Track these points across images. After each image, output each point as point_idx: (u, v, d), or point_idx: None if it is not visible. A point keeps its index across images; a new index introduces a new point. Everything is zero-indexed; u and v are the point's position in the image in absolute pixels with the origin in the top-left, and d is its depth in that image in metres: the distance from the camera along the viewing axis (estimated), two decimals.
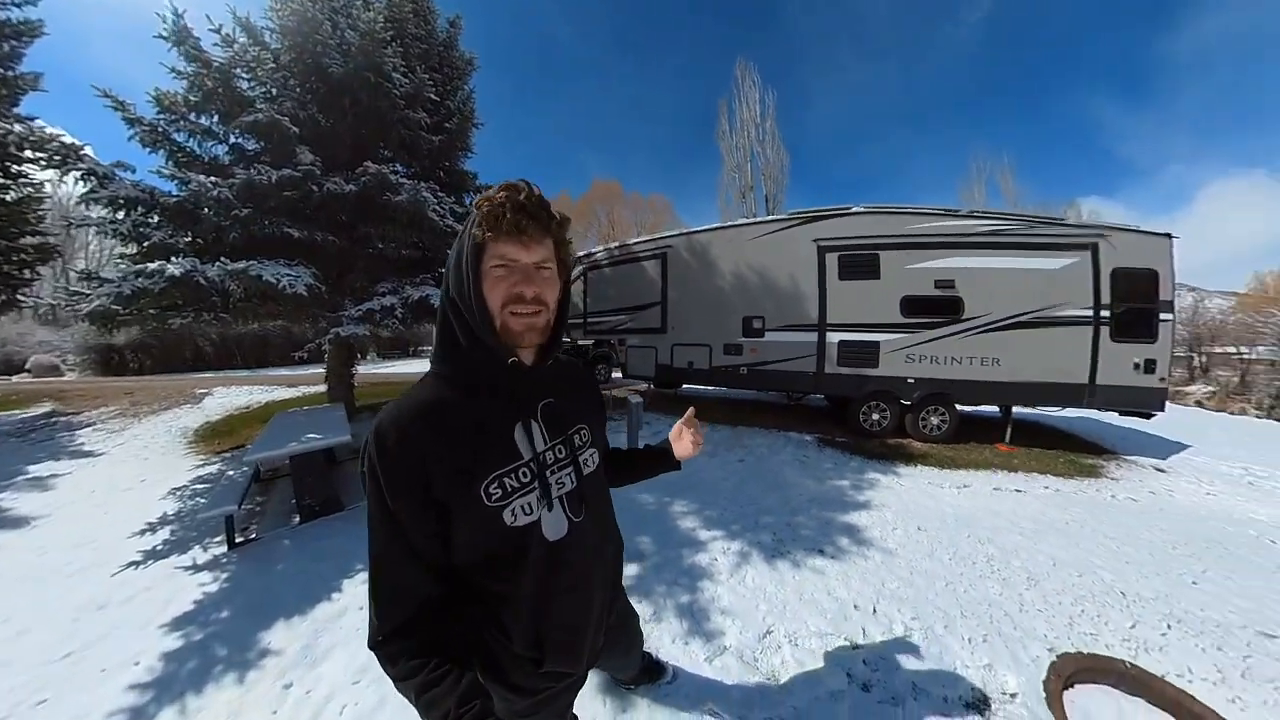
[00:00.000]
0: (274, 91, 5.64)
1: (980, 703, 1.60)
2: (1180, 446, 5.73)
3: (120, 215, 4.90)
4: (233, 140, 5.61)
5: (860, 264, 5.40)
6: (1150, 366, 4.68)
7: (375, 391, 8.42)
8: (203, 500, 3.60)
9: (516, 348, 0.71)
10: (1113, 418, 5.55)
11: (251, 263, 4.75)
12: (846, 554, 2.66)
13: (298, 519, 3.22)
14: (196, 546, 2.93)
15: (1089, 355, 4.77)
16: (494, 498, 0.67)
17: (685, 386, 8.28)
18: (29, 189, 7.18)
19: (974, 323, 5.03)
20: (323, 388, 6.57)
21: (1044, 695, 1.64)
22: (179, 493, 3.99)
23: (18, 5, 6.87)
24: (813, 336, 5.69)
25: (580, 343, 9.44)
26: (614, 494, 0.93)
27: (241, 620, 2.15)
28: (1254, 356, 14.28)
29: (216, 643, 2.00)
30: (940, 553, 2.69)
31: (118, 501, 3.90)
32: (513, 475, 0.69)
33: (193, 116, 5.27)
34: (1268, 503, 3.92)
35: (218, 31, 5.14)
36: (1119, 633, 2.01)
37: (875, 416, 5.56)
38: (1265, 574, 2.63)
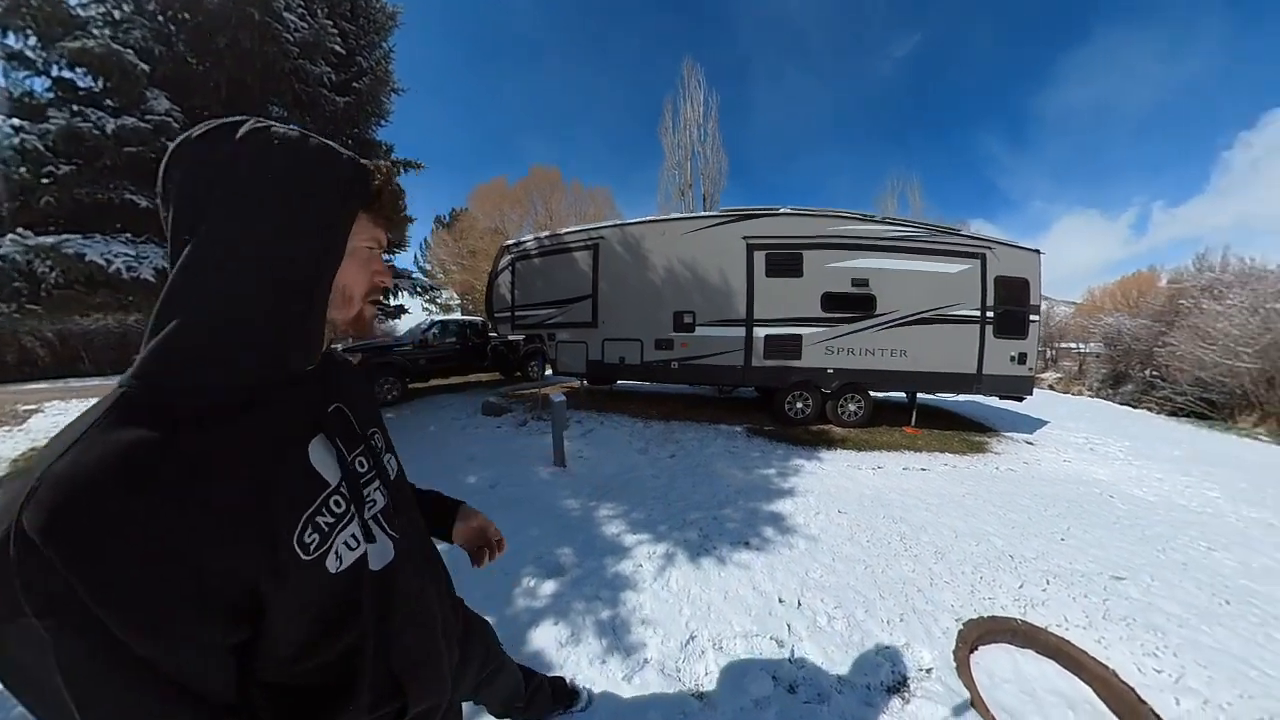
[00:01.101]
0: (117, 15, 4.39)
1: (900, 684, 1.61)
2: (1041, 423, 6.76)
3: None
4: (58, 72, 4.29)
5: (786, 262, 5.62)
6: (1022, 358, 5.46)
7: None
8: None
9: (358, 336, 0.55)
10: (994, 401, 6.37)
11: (68, 237, 3.74)
12: (772, 544, 2.64)
13: None
14: None
15: (977, 348, 5.43)
16: (312, 546, 0.48)
17: (619, 383, 8.13)
18: None
19: (885, 318, 5.47)
20: None
21: (954, 665, 1.69)
22: None
23: None
24: (741, 331, 5.82)
25: (510, 338, 8.90)
26: (536, 500, 0.76)
27: None
28: (1088, 351, 17.48)
29: None
30: (859, 535, 2.77)
31: None
32: (325, 509, 0.51)
33: None
34: (1104, 465, 4.68)
35: None
36: (1010, 593, 2.17)
37: (799, 405, 5.82)
38: (1109, 525, 3.08)
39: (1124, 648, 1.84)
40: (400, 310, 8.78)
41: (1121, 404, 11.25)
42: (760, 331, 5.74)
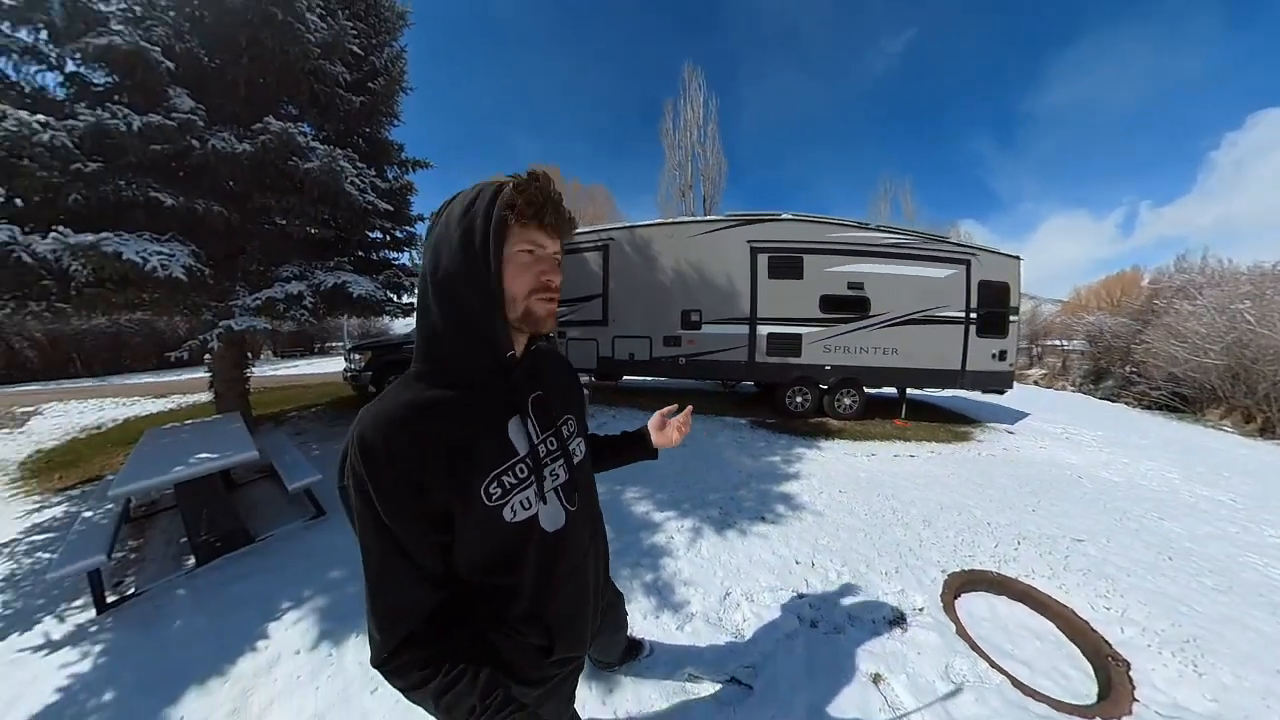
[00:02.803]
0: (138, 10, 4.21)
1: (899, 618, 1.96)
2: (1022, 414, 7.25)
3: None
4: (72, 68, 4.11)
5: (787, 265, 5.99)
6: (1003, 356, 5.95)
7: (277, 399, 7.05)
8: (48, 555, 2.73)
9: (536, 332, 0.71)
10: (977, 395, 6.84)
11: (106, 236, 3.72)
12: (784, 519, 2.98)
13: (192, 562, 2.61)
14: (48, 617, 2.19)
15: (961, 347, 5.89)
16: (494, 497, 0.65)
17: (625, 378, 8.44)
18: None
19: (878, 319, 5.89)
20: (204, 397, 5.39)
21: (941, 605, 2.06)
22: (8, 550, 2.93)
23: None
24: (745, 329, 6.18)
25: None
26: None
27: (136, 699, 1.68)
28: (1071, 348, 18.12)
29: None
30: (858, 509, 3.13)
31: None
32: (510, 472, 0.68)
33: (6, 28, 3.78)
34: (1078, 452, 5.13)
35: None
36: (987, 551, 2.56)
37: (799, 399, 6.21)
38: (1075, 500, 3.50)
39: (1080, 593, 2.21)
40: (412, 308, 8.99)
41: (1101, 398, 11.81)
42: (763, 330, 6.11)
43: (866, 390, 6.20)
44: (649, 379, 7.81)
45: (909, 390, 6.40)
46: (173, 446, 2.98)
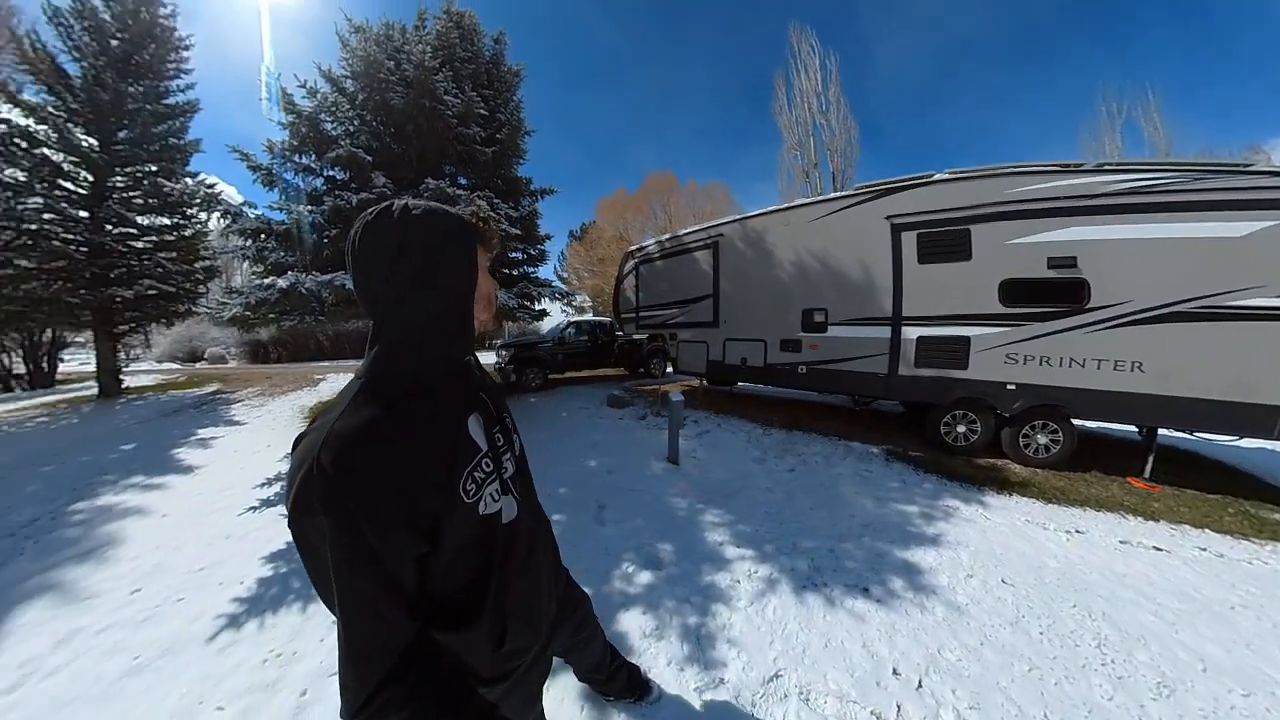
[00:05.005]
0: (352, 128, 6.52)
1: None
2: None
3: (248, 242, 6.23)
4: (326, 173, 6.63)
5: (945, 243, 4.50)
6: None
7: None
8: None
9: (495, 326, 0.72)
10: None
11: (337, 274, 5.56)
12: (898, 599, 2.22)
13: None
14: None
15: None
16: (470, 494, 0.68)
17: (741, 385, 7.81)
18: (198, 226, 9.39)
19: (1106, 313, 3.87)
20: None
21: None
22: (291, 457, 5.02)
23: (182, 91, 8.91)
24: (885, 331, 4.94)
25: (634, 337, 9.34)
26: (646, 492, 1.06)
27: None
28: None
29: (294, 578, 2.45)
30: (1029, 621, 2.11)
31: (251, 460, 4.85)
32: (478, 467, 0.71)
33: (296, 158, 6.38)
34: None
35: (304, 86, 6.21)
36: None
37: (961, 429, 4.68)
38: None
39: None
40: (543, 314, 10.26)
41: None
42: (911, 332, 4.78)
43: (1079, 424, 4.29)
44: (768, 386, 6.98)
45: (1162, 431, 4.07)
46: None
